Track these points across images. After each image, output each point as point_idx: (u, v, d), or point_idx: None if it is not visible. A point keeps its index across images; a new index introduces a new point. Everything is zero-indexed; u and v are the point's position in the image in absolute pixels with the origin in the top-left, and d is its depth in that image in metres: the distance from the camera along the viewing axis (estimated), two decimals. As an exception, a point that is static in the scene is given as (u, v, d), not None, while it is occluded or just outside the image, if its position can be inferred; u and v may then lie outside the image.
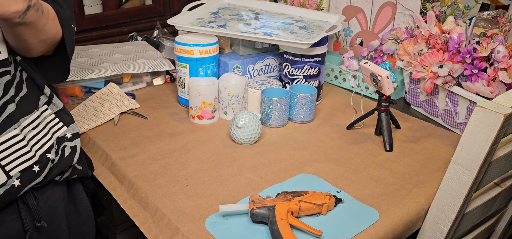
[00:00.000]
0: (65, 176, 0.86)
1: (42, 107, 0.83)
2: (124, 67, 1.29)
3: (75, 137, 0.87)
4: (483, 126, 0.73)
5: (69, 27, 0.84)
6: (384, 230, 0.78)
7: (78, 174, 0.89)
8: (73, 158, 0.85)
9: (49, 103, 0.85)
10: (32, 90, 0.82)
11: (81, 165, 0.90)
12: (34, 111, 0.81)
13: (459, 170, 0.79)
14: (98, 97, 1.23)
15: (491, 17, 1.48)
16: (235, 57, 1.26)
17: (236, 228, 0.77)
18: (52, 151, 0.81)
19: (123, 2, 1.73)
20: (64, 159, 0.84)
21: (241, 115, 1.03)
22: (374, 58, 1.31)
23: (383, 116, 1.06)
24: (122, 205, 0.89)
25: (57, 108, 0.86)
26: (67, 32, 0.83)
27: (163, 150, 1.01)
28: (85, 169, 0.92)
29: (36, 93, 0.83)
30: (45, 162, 0.79)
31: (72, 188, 0.93)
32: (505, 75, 1.00)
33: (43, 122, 0.82)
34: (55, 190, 0.86)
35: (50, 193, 0.85)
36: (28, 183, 0.77)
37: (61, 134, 0.85)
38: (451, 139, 1.10)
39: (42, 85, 0.83)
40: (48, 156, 0.80)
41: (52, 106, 0.85)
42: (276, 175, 0.93)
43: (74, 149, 0.86)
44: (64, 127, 0.86)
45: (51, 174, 0.81)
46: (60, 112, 0.86)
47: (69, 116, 0.88)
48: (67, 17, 0.83)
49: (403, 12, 1.31)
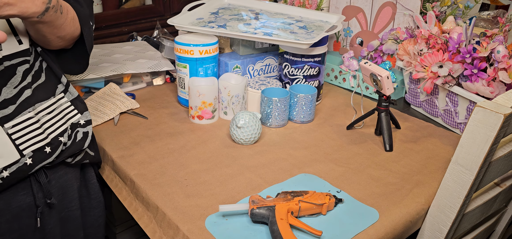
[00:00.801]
0: (77, 159, 0.91)
1: (58, 95, 0.89)
2: (124, 67, 1.29)
3: (88, 124, 0.92)
4: (483, 126, 0.73)
5: (88, 25, 0.89)
6: (384, 230, 0.78)
7: (90, 159, 0.95)
8: (85, 142, 0.91)
9: (65, 92, 0.90)
10: (50, 79, 0.88)
11: (93, 151, 0.96)
12: (51, 97, 0.87)
13: (459, 170, 0.79)
14: (98, 97, 1.23)
15: (491, 17, 1.48)
16: (235, 57, 1.26)
17: (236, 228, 0.77)
18: (65, 135, 0.87)
19: (123, 2, 1.73)
20: (76, 143, 0.89)
21: (241, 115, 1.03)
22: (374, 58, 1.31)
23: (383, 116, 1.06)
24: (128, 207, 0.90)
25: (72, 96, 0.92)
26: (86, 30, 0.88)
27: (163, 149, 1.02)
28: (97, 156, 0.98)
29: (54, 82, 0.88)
30: (56, 144, 0.85)
31: (85, 172, 0.98)
32: (505, 75, 1.00)
33: (59, 108, 0.88)
34: (67, 171, 0.91)
35: (62, 173, 0.90)
36: (40, 162, 0.83)
37: (75, 120, 0.91)
38: (451, 139, 1.10)
39: (59, 75, 0.89)
40: (60, 139, 0.86)
41: (68, 94, 0.91)
42: (276, 175, 0.93)
43: (86, 134, 0.91)
44: (78, 114, 0.92)
45: (63, 156, 0.87)
46: (75, 100, 0.92)
47: (83, 104, 0.94)
48: (86, 16, 0.89)
49: (403, 12, 1.31)
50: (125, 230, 1.55)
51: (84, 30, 0.88)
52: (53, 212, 0.89)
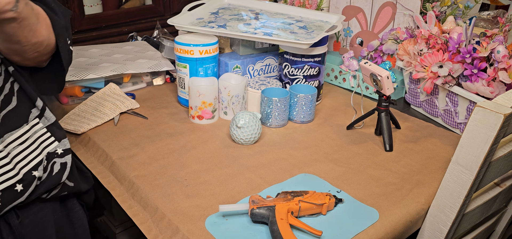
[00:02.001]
0: (52, 194, 0.82)
1: (32, 121, 0.79)
2: (124, 67, 1.29)
3: (66, 153, 0.83)
4: (483, 126, 0.73)
5: (63, 37, 0.81)
6: (384, 230, 0.78)
7: (68, 191, 0.85)
8: (62, 176, 0.81)
9: (40, 117, 0.81)
10: (23, 103, 0.78)
11: (73, 181, 0.86)
12: (23, 125, 0.77)
13: (459, 170, 0.79)
14: (98, 97, 1.23)
15: (491, 17, 1.48)
16: (235, 57, 1.26)
17: (236, 228, 0.77)
18: (39, 168, 0.78)
19: (123, 2, 1.73)
20: (52, 177, 0.80)
21: (241, 115, 1.03)
22: (374, 58, 1.31)
23: (383, 116, 1.06)
24: (122, 204, 0.89)
25: (49, 122, 0.82)
26: (61, 41, 0.80)
27: (163, 150, 1.01)
28: (77, 185, 0.87)
29: (28, 106, 0.79)
30: (30, 180, 0.76)
31: (66, 202, 0.89)
32: (505, 75, 1.00)
33: (33, 136, 0.79)
34: (43, 207, 0.82)
35: (37, 210, 0.81)
36: (10, 202, 0.74)
37: (52, 149, 0.81)
38: (451, 139, 1.10)
39: (34, 97, 0.79)
40: (34, 173, 0.77)
41: (44, 120, 0.81)
42: (276, 175, 0.93)
43: (64, 165, 0.82)
44: (56, 142, 0.82)
45: (37, 192, 0.78)
46: (52, 126, 0.82)
47: (61, 131, 0.84)
48: (62, 27, 0.80)
49: (403, 12, 1.31)
50: (125, 230, 1.55)
51: (59, 41, 0.79)
52: None
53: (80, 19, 1.57)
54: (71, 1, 1.52)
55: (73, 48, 1.45)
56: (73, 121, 1.13)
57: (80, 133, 1.09)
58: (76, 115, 1.16)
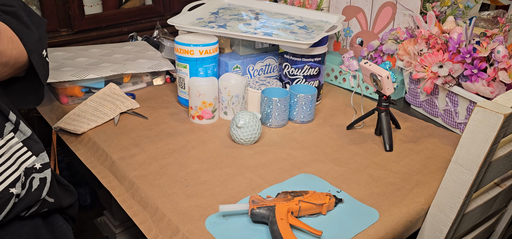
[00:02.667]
0: (32, 211, 0.77)
1: (7, 136, 0.74)
2: (124, 67, 1.29)
3: (45, 167, 0.78)
4: (483, 126, 0.73)
5: (37, 52, 0.77)
6: (384, 230, 0.78)
7: (48, 207, 0.81)
8: (42, 192, 0.77)
9: (15, 131, 0.76)
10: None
11: (53, 197, 0.82)
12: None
13: (459, 170, 0.79)
14: (98, 97, 1.23)
15: (491, 17, 1.48)
16: (235, 57, 1.26)
17: (236, 228, 0.77)
18: (17, 185, 0.73)
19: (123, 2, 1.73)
20: (31, 193, 0.75)
21: (241, 115, 1.03)
22: (374, 58, 1.31)
23: (383, 116, 1.06)
24: (122, 204, 0.89)
25: (24, 136, 0.77)
26: (35, 57, 0.76)
27: (163, 150, 1.01)
28: (58, 201, 0.83)
29: (1, 120, 0.74)
30: (7, 197, 0.71)
31: (48, 218, 0.85)
32: (505, 75, 1.00)
33: (9, 151, 0.74)
34: (23, 224, 0.78)
35: (16, 227, 0.77)
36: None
37: (30, 164, 0.76)
38: (451, 139, 1.10)
39: (6, 111, 0.74)
40: (11, 190, 0.72)
41: (19, 134, 0.76)
42: (276, 175, 0.93)
43: (43, 181, 0.77)
44: (33, 157, 0.77)
45: (15, 211, 0.73)
46: (28, 140, 0.77)
47: (38, 144, 0.79)
48: (35, 41, 0.76)
49: (403, 12, 1.31)
50: (125, 231, 1.55)
51: (33, 58, 0.74)
52: None
53: (80, 19, 1.57)
54: (71, 1, 1.53)
55: (74, 48, 1.45)
56: (73, 121, 1.13)
57: (80, 133, 1.09)
58: (76, 115, 1.16)
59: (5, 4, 0.75)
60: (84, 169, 1.03)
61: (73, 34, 1.57)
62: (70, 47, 1.46)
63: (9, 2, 0.76)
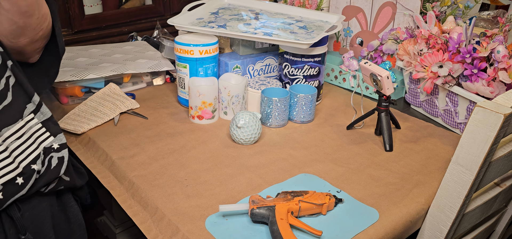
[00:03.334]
0: (50, 187, 0.82)
1: (27, 117, 0.79)
2: (124, 67, 1.29)
3: (62, 148, 0.83)
4: (483, 126, 0.73)
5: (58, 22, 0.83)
6: (384, 230, 0.78)
7: (64, 185, 0.86)
8: (60, 169, 0.82)
9: (36, 112, 0.80)
10: (18, 98, 0.78)
11: (68, 176, 0.87)
12: (18, 120, 0.77)
13: (459, 170, 0.79)
14: (98, 97, 1.23)
15: (491, 17, 1.48)
16: (235, 57, 1.26)
17: (236, 228, 0.77)
18: (38, 162, 0.78)
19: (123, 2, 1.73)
20: (50, 170, 0.80)
21: (241, 115, 1.03)
22: (374, 58, 1.31)
23: (383, 116, 1.06)
24: (122, 204, 0.89)
25: (44, 117, 0.82)
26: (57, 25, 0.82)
27: (163, 150, 1.01)
28: (72, 180, 0.88)
29: (23, 101, 0.79)
30: (29, 173, 0.76)
31: (61, 197, 0.90)
32: (505, 75, 1.00)
33: (29, 131, 0.79)
34: (41, 200, 0.83)
35: (36, 203, 0.82)
36: (11, 195, 0.75)
37: (48, 144, 0.81)
38: (451, 139, 1.10)
39: (31, 92, 0.79)
40: (33, 167, 0.77)
41: (39, 115, 0.81)
42: (276, 175, 0.93)
43: (61, 160, 0.82)
44: (51, 137, 0.82)
45: (37, 186, 0.78)
46: (48, 121, 0.82)
47: (56, 126, 0.84)
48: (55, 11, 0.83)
49: (403, 12, 1.31)
50: (125, 231, 1.55)
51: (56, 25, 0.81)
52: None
53: (80, 19, 1.57)
54: (71, 1, 1.52)
55: (74, 48, 1.45)
56: (73, 121, 1.13)
57: (80, 133, 1.09)
58: (76, 115, 1.16)
59: None
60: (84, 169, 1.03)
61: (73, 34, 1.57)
62: (70, 47, 1.46)
63: None
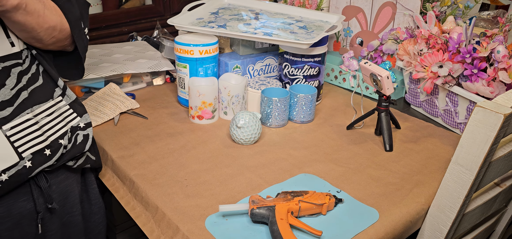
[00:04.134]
0: (78, 163, 0.90)
1: (57, 98, 0.88)
2: (124, 67, 1.29)
3: (88, 126, 0.92)
4: (483, 126, 0.73)
5: (78, 27, 0.88)
6: (384, 230, 0.78)
7: (91, 164, 0.94)
8: (85, 145, 0.90)
9: (63, 96, 0.89)
10: (47, 82, 0.87)
11: (94, 155, 0.95)
12: (49, 100, 0.86)
13: (459, 170, 0.79)
14: (98, 97, 1.23)
15: (491, 17, 1.48)
16: (235, 57, 1.26)
17: (236, 228, 0.77)
18: (65, 138, 0.86)
19: (123, 2, 1.73)
20: (76, 146, 0.88)
21: (241, 115, 1.03)
22: (374, 58, 1.31)
23: (383, 116, 1.06)
24: (125, 206, 0.89)
25: (70, 100, 0.90)
26: (76, 32, 0.87)
27: (163, 149, 1.02)
28: (98, 160, 0.97)
29: (52, 85, 0.88)
30: (56, 146, 0.84)
31: (85, 178, 0.98)
32: (505, 75, 1.00)
33: (58, 111, 0.87)
34: (68, 176, 0.90)
35: (63, 178, 0.89)
36: (39, 165, 0.81)
37: (75, 123, 0.90)
38: (451, 139, 1.10)
39: (56, 78, 0.88)
40: (60, 141, 0.85)
41: (66, 98, 0.90)
42: (276, 175, 0.93)
43: (86, 137, 0.90)
44: (78, 117, 0.91)
45: (63, 159, 0.86)
46: (74, 103, 0.91)
47: (82, 107, 0.93)
48: (77, 18, 0.88)
49: (403, 12, 1.31)
50: (125, 231, 1.55)
51: (74, 32, 0.87)
52: (54, 217, 0.87)
53: (80, 19, 1.57)
54: (71, 1, 1.52)
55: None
56: (73, 120, 1.13)
57: (80, 132, 1.09)
58: (76, 115, 1.16)
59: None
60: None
61: (73, 34, 1.57)
62: (70, 47, 1.46)
63: None
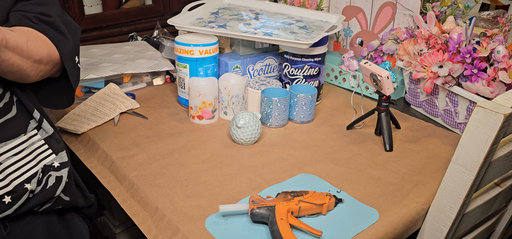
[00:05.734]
0: (45, 207, 0.79)
1: (31, 132, 0.78)
2: (124, 67, 1.29)
3: (63, 167, 0.80)
4: (483, 126, 0.73)
5: (72, 59, 0.81)
6: (384, 230, 0.78)
7: (63, 205, 0.82)
8: (57, 189, 0.79)
9: (38, 129, 0.79)
10: (22, 112, 0.77)
11: (69, 195, 0.83)
12: (21, 135, 0.76)
13: (459, 170, 0.79)
14: (98, 97, 1.23)
15: (491, 17, 1.48)
16: (235, 57, 1.26)
17: (236, 228, 0.77)
18: (32, 181, 0.76)
19: (123, 2, 1.73)
20: (45, 190, 0.77)
21: (241, 115, 1.03)
22: (374, 58, 1.31)
23: (383, 116, 1.06)
24: (122, 204, 0.89)
25: (47, 134, 0.80)
26: (69, 64, 0.80)
27: (163, 150, 1.01)
28: (73, 200, 0.85)
29: (26, 117, 0.77)
30: (20, 192, 0.74)
31: (64, 215, 0.87)
32: (505, 75, 1.00)
33: (30, 147, 0.77)
34: (36, 218, 0.80)
35: (29, 220, 0.79)
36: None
37: (49, 162, 0.79)
38: (451, 139, 1.10)
39: (31, 109, 0.78)
40: (26, 186, 0.74)
41: (41, 131, 0.80)
42: (276, 175, 0.93)
43: (59, 179, 0.79)
44: (53, 155, 0.80)
45: (28, 205, 0.76)
46: (50, 138, 0.81)
47: (59, 143, 0.82)
48: (71, 49, 0.80)
49: (403, 12, 1.31)
50: (125, 231, 1.55)
51: (68, 65, 0.79)
52: None
53: (80, 19, 1.57)
54: (71, 1, 1.52)
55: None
56: (73, 121, 1.13)
57: (80, 133, 1.09)
58: (76, 115, 1.16)
59: (43, 14, 0.77)
60: (84, 169, 1.03)
61: (73, 34, 1.57)
62: (70, 47, 1.46)
63: (47, 12, 0.78)
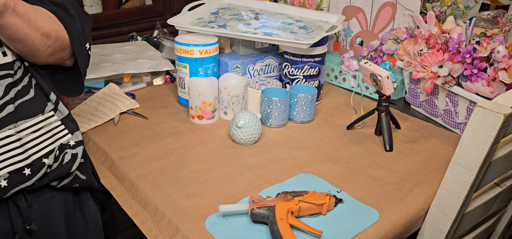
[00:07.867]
0: (63, 183, 0.84)
1: (48, 113, 0.83)
2: (124, 67, 1.29)
3: (78, 145, 0.86)
4: (483, 126, 0.73)
5: (80, 42, 0.84)
6: (384, 230, 0.78)
7: (80, 183, 0.88)
8: (72, 165, 0.84)
9: (55, 110, 0.85)
10: (39, 96, 0.82)
11: (85, 174, 0.89)
12: (38, 115, 0.81)
13: (459, 170, 0.79)
14: (98, 97, 1.23)
15: (491, 17, 1.48)
16: (235, 57, 1.26)
17: (236, 228, 0.77)
18: (50, 156, 0.80)
19: (123, 2, 1.73)
20: (62, 165, 0.83)
21: (241, 115, 1.03)
22: (374, 58, 1.31)
23: (383, 116, 1.06)
24: (122, 204, 0.89)
25: (62, 115, 0.86)
26: (78, 47, 0.84)
27: (163, 149, 1.02)
28: (89, 179, 0.90)
29: (43, 99, 0.83)
30: (39, 166, 0.78)
31: (79, 195, 0.92)
32: (505, 75, 1.00)
33: (47, 126, 0.82)
34: (53, 195, 0.85)
35: (47, 197, 0.84)
36: (16, 184, 0.76)
37: (65, 141, 0.85)
38: (451, 139, 1.10)
39: (48, 92, 0.83)
40: (44, 160, 0.79)
41: (58, 113, 0.85)
42: (276, 175, 0.93)
43: (74, 156, 0.85)
44: (69, 134, 0.86)
45: (46, 179, 0.80)
46: (66, 119, 0.86)
47: (74, 124, 0.87)
48: (79, 33, 0.84)
49: (403, 12, 1.31)
50: (125, 230, 1.55)
51: (75, 47, 0.83)
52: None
53: (80, 19, 1.57)
54: (71, 1, 1.52)
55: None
56: (73, 120, 1.13)
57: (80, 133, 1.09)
58: (76, 116, 1.16)
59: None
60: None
61: (73, 34, 1.57)
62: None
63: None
